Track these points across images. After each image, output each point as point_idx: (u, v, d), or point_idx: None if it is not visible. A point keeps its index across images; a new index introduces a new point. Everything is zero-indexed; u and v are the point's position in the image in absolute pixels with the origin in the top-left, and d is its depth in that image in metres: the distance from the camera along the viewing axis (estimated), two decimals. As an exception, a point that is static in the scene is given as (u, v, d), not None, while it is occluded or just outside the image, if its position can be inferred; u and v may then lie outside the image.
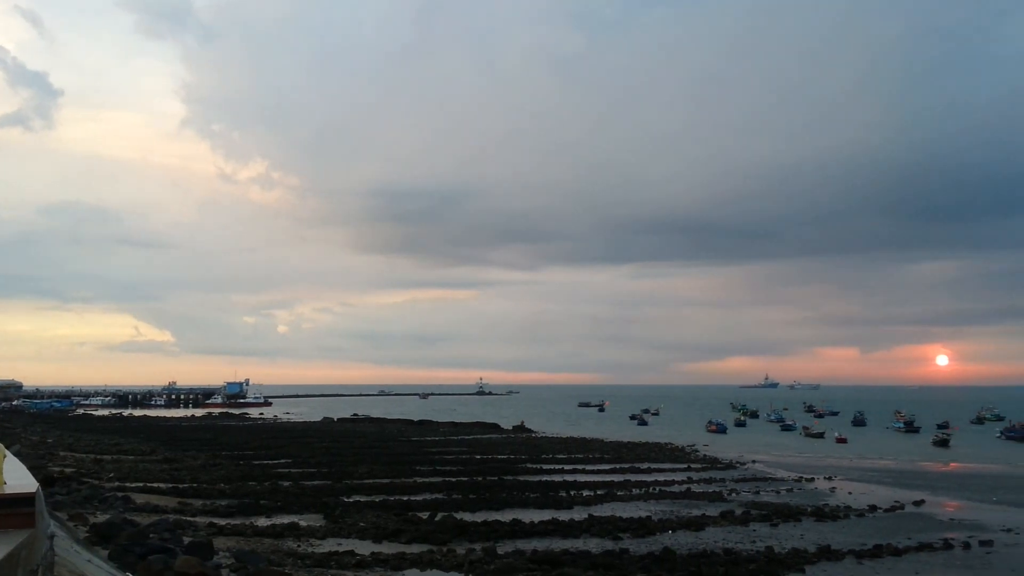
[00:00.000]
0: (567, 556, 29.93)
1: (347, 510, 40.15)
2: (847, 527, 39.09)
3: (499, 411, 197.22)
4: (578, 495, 47.83)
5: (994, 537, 35.98)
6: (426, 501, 44.35)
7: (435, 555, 30.09)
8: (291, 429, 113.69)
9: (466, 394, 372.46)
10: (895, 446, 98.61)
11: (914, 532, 37.29)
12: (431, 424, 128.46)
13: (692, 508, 43.84)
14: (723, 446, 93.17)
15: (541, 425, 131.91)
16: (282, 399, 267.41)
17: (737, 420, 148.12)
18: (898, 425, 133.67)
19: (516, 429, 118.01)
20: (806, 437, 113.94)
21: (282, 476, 54.88)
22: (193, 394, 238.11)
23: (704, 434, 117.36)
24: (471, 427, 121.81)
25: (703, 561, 29.63)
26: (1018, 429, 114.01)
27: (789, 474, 63.26)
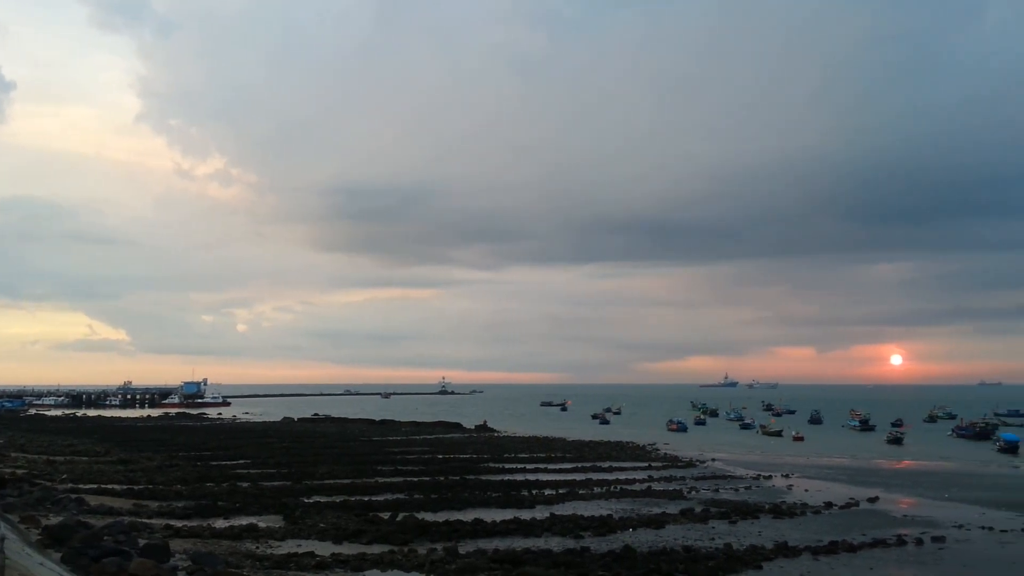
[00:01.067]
0: (529, 555, 30.01)
1: (307, 511, 39.83)
2: (804, 524, 39.66)
3: (462, 410, 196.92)
4: (540, 494, 47.92)
5: (946, 533, 36.74)
6: (387, 501, 44.15)
7: (396, 555, 29.99)
8: (250, 429, 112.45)
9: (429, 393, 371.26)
10: (850, 444, 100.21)
11: (869, 528, 37.94)
12: (393, 424, 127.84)
13: (653, 506, 44.18)
14: (683, 445, 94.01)
15: (503, 424, 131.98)
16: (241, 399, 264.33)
17: (697, 419, 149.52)
18: (853, 423, 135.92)
19: (478, 428, 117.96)
20: (764, 435, 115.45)
21: (240, 477, 54.27)
22: (149, 394, 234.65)
23: (665, 433, 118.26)
24: (433, 426, 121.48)
25: (663, 559, 29.88)
26: (969, 428, 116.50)
27: (747, 472, 64.00)
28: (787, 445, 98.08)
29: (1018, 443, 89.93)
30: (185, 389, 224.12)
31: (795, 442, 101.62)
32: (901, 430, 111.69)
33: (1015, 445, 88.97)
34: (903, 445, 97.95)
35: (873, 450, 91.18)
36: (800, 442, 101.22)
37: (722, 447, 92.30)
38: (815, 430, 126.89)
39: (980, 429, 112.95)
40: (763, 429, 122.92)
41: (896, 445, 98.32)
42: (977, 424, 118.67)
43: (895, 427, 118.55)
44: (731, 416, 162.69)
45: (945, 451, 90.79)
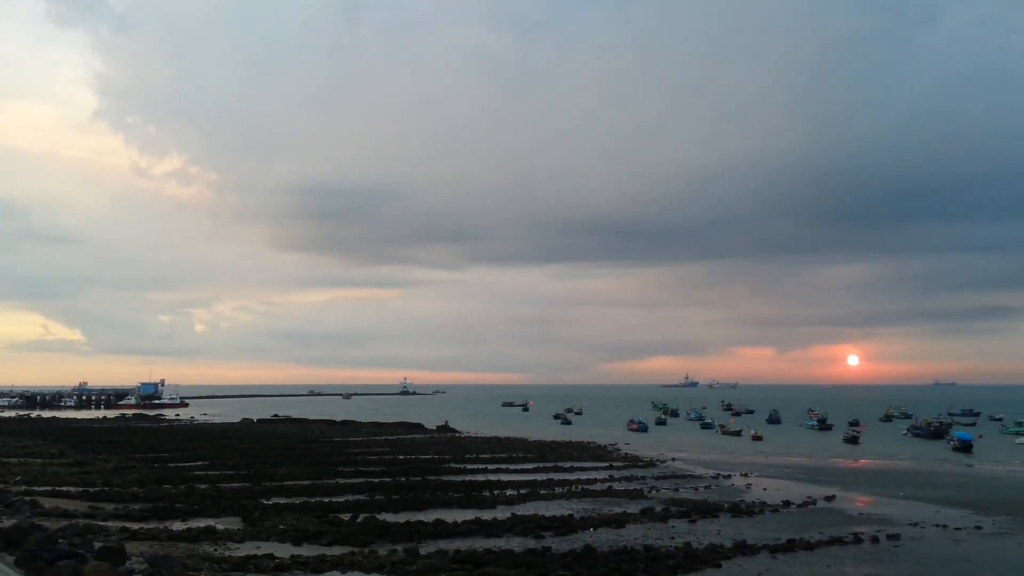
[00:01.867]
0: (490, 555, 29.99)
1: (266, 512, 39.43)
2: (762, 522, 40.12)
3: (423, 411, 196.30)
4: (501, 494, 47.92)
5: (901, 531, 37.38)
6: (348, 502, 43.86)
7: (356, 557, 29.80)
8: (209, 430, 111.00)
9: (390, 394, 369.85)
10: (808, 443, 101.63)
11: (825, 526, 38.48)
12: (354, 424, 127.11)
13: (613, 506, 44.39)
14: (644, 444, 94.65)
15: (465, 425, 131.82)
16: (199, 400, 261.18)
17: (658, 419, 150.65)
18: (811, 423, 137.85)
19: (440, 429, 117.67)
20: (723, 435, 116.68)
21: (198, 479, 53.58)
22: (105, 395, 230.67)
23: (626, 433, 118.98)
24: (395, 427, 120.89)
25: (623, 558, 30.03)
26: (923, 427, 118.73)
27: (707, 471, 64.60)
28: (746, 444, 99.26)
29: (971, 442, 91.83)
30: (142, 390, 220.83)
31: (754, 441, 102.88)
32: (857, 430, 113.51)
33: (968, 444, 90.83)
34: (859, 444, 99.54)
35: (830, 449, 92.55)
36: (759, 441, 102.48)
37: (682, 447, 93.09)
38: (774, 430, 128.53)
39: (934, 428, 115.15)
40: (722, 429, 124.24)
41: (853, 444, 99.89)
42: (931, 423, 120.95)
43: (852, 427, 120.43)
44: (692, 416, 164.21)
45: (900, 450, 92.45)
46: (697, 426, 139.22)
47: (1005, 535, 37.15)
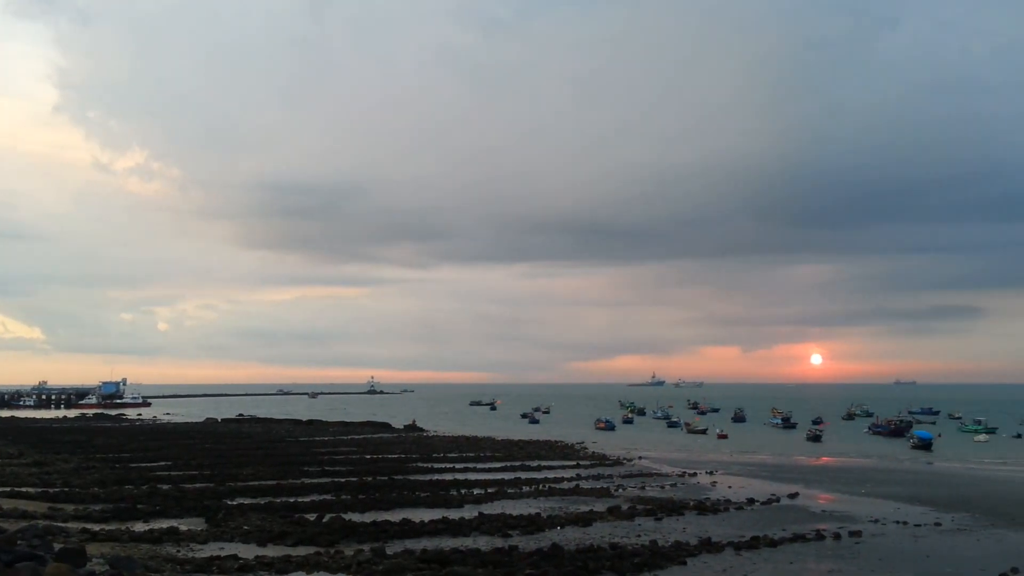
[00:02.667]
0: (457, 555, 29.93)
1: (230, 513, 39.00)
2: (727, 520, 40.45)
3: (391, 410, 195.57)
4: (469, 493, 47.85)
5: (863, 528, 37.86)
6: (314, 502, 43.55)
7: (322, 557, 29.58)
8: (172, 430, 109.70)
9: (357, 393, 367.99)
10: (772, 441, 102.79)
11: (789, 524, 38.88)
12: (320, 424, 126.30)
13: (580, 504, 44.51)
14: (611, 443, 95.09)
15: (433, 424, 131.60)
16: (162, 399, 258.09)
17: (625, 417, 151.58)
18: (775, 421, 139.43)
19: (407, 428, 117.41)
20: (689, 433, 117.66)
21: (161, 479, 52.89)
22: (65, 394, 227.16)
23: (593, 431, 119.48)
24: (361, 426, 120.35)
25: (590, 556, 30.12)
26: (884, 425, 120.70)
27: (673, 469, 65.04)
28: (711, 443, 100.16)
29: (931, 440, 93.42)
30: (103, 389, 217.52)
31: (719, 440, 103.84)
32: (820, 428, 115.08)
33: (928, 442, 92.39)
34: (822, 442, 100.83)
35: (794, 447, 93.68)
36: (724, 440, 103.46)
37: (649, 445, 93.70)
38: (738, 428, 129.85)
39: (895, 427, 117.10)
40: (688, 427, 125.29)
41: (815, 442, 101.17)
42: (892, 422, 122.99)
43: (815, 425, 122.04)
44: (658, 415, 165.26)
45: (862, 448, 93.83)
46: (664, 425, 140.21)
47: (964, 532, 37.80)
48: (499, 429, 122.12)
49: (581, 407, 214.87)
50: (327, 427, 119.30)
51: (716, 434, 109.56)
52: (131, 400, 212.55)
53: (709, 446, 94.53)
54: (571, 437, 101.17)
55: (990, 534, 37.13)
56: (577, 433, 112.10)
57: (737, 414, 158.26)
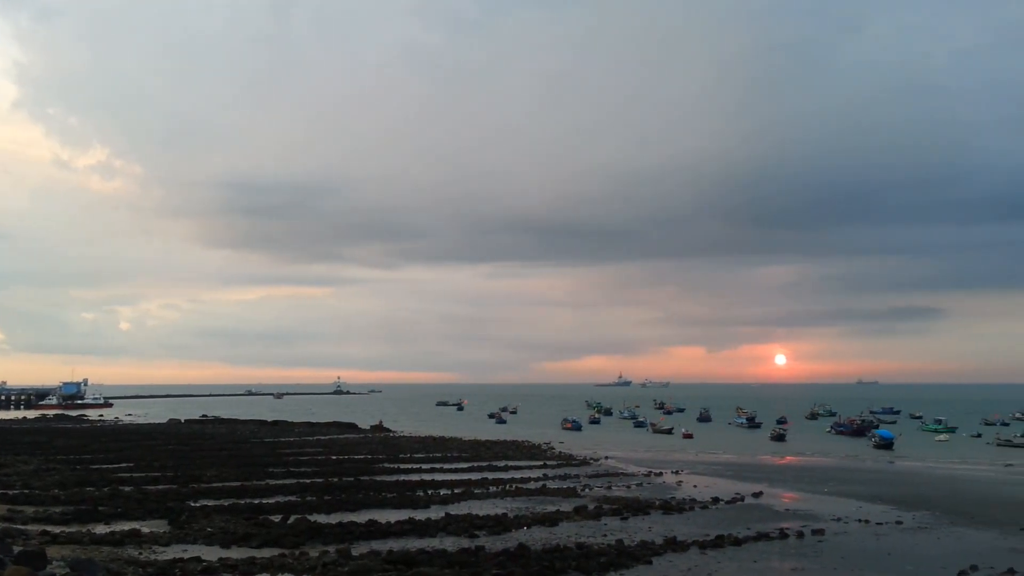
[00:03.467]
0: (423, 555, 29.83)
1: (194, 515, 38.54)
2: (692, 519, 40.74)
3: (357, 411, 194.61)
4: (435, 494, 47.71)
5: (825, 526, 38.34)
6: (279, 504, 43.15)
7: (287, 559, 29.33)
8: (134, 431, 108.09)
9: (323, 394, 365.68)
10: (737, 441, 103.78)
11: (753, 522, 39.26)
12: (286, 424, 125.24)
13: (547, 504, 44.59)
14: (578, 443, 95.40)
15: (399, 424, 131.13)
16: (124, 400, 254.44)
17: (592, 417, 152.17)
18: (740, 421, 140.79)
19: (374, 429, 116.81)
20: (655, 433, 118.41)
21: (123, 481, 52.09)
22: (25, 395, 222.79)
23: (560, 431, 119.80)
24: (327, 427, 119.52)
25: (556, 556, 30.17)
26: (847, 424, 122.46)
27: (639, 469, 65.39)
28: (677, 442, 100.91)
29: (892, 440, 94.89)
30: (64, 390, 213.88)
31: (685, 439, 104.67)
32: (784, 427, 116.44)
33: (890, 442, 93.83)
34: (786, 442, 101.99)
35: (758, 447, 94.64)
36: (689, 439, 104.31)
37: (615, 445, 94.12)
38: (704, 428, 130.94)
39: (857, 426, 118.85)
40: (654, 427, 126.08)
41: (779, 442, 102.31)
42: (855, 421, 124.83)
43: (779, 424, 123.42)
44: (625, 415, 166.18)
45: (825, 447, 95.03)
46: (630, 425, 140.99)
47: (924, 530, 38.42)
48: (466, 429, 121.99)
49: (548, 407, 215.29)
50: (292, 428, 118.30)
51: (682, 434, 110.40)
52: (92, 401, 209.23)
53: (675, 446, 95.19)
54: (538, 437, 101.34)
55: (950, 532, 37.78)
56: (544, 433, 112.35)
57: (703, 414, 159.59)
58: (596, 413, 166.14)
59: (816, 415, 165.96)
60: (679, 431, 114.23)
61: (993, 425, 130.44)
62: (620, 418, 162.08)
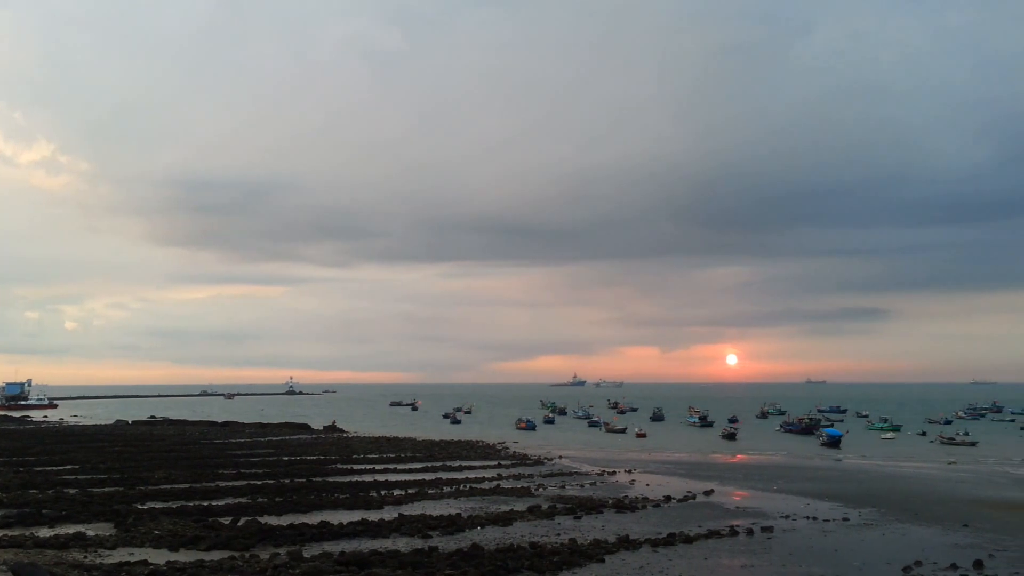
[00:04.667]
0: (376, 556, 29.65)
1: (141, 517, 37.84)
2: (644, 517, 41.09)
3: (310, 411, 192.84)
4: (389, 495, 47.49)
5: (774, 523, 38.95)
6: (229, 506, 42.56)
7: (237, 561, 28.91)
8: (80, 433, 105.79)
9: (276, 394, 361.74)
10: (689, 440, 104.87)
11: (704, 520, 39.74)
12: (236, 425, 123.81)
13: (501, 504, 44.62)
14: (532, 443, 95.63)
15: (354, 425, 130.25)
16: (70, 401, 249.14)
17: (546, 417, 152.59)
18: (692, 420, 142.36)
19: (327, 429, 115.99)
20: (608, 433, 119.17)
21: (68, 483, 50.95)
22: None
23: (515, 431, 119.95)
24: (279, 428, 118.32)
25: (509, 555, 30.21)
26: (795, 423, 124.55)
27: (593, 468, 65.74)
28: (630, 442, 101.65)
29: (839, 438, 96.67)
30: (7, 390, 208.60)
31: (638, 439, 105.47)
32: (735, 426, 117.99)
33: (837, 440, 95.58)
34: (737, 440, 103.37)
35: (710, 445, 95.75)
36: (643, 439, 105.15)
37: (569, 445, 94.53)
38: (657, 427, 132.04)
39: (805, 424, 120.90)
40: (607, 427, 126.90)
41: (730, 440, 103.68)
42: (803, 420, 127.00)
43: (730, 423, 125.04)
44: (579, 414, 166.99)
45: (774, 445, 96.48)
46: (584, 424, 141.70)
47: (870, 526, 39.21)
48: (420, 429, 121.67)
49: (503, 407, 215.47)
50: (243, 429, 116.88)
51: (635, 433, 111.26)
52: (36, 402, 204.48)
53: (628, 445, 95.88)
54: (492, 437, 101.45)
55: (895, 528, 38.60)
56: (498, 433, 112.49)
57: (656, 413, 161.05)
58: (551, 413, 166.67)
59: (766, 414, 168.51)
60: (632, 430, 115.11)
61: (937, 423, 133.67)
62: (574, 418, 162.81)
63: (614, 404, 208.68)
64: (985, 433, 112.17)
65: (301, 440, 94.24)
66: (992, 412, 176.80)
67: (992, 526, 38.92)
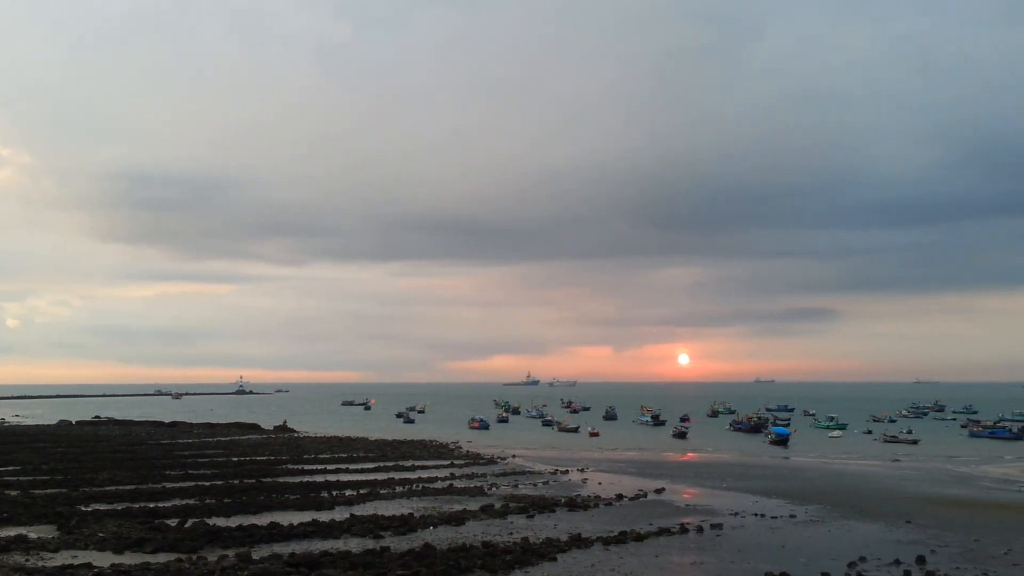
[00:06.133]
0: (327, 557, 29.40)
1: (85, 520, 37.03)
2: (596, 516, 41.35)
3: (261, 411, 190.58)
4: (340, 495, 47.15)
5: (724, 520, 39.50)
6: (176, 507, 41.86)
7: (183, 564, 28.43)
8: (21, 433, 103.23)
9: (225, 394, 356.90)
10: (641, 439, 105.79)
11: (655, 518, 40.12)
12: (184, 425, 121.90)
13: (454, 503, 44.56)
14: (485, 442, 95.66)
15: (306, 425, 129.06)
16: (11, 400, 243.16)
17: (500, 416, 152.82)
18: (645, 419, 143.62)
19: (278, 429, 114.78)
20: (561, 432, 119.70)
21: (8, 484, 49.68)
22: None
23: (468, 431, 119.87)
24: (229, 428, 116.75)
25: (462, 555, 30.17)
26: (744, 422, 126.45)
27: (546, 467, 65.98)
28: (583, 440, 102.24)
29: (787, 436, 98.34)
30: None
31: (591, 437, 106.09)
32: (686, 425, 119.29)
33: (785, 438, 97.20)
34: (687, 439, 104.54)
35: (662, 444, 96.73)
36: (596, 437, 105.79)
37: (522, 444, 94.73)
38: (609, 426, 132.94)
39: (754, 423, 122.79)
40: (560, 426, 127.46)
41: (681, 439, 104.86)
42: (752, 418, 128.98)
43: (682, 422, 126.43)
44: (532, 413, 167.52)
45: (724, 444, 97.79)
46: (538, 423, 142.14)
47: (816, 523, 39.94)
48: (373, 429, 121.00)
49: (456, 406, 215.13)
50: (191, 429, 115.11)
51: (588, 432, 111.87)
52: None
53: (581, 444, 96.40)
54: (446, 436, 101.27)
55: (840, 525, 39.37)
56: (452, 432, 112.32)
57: (609, 412, 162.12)
58: (504, 412, 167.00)
59: (717, 413, 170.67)
60: (585, 429, 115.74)
61: (881, 422, 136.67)
62: (528, 417, 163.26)
63: (567, 403, 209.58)
64: (927, 432, 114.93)
65: (251, 440, 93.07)
66: (934, 411, 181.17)
67: (934, 522, 39.88)
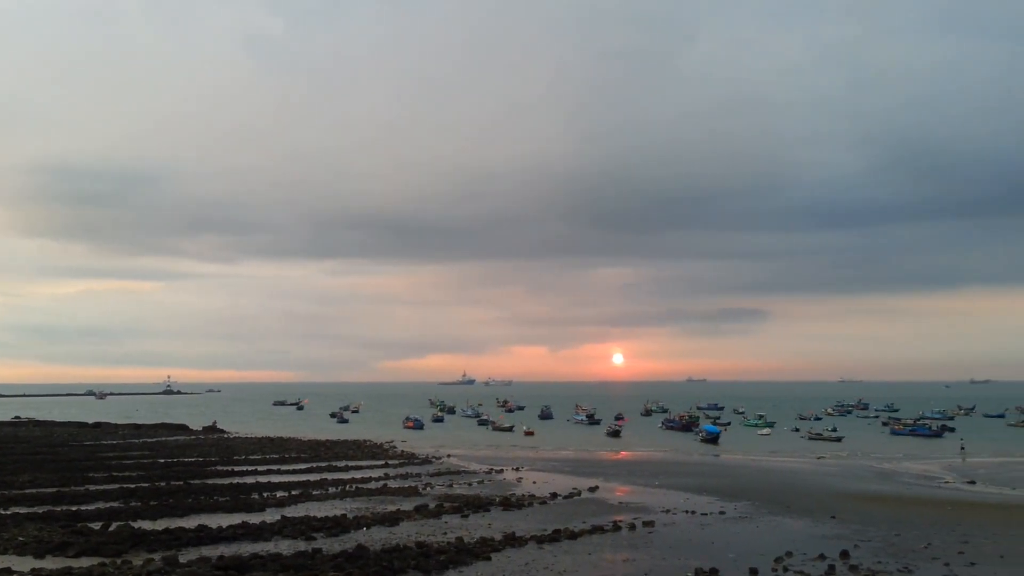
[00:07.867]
0: (257, 560, 28.90)
1: (4, 523, 35.75)
2: (530, 514, 41.50)
3: (190, 411, 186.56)
4: (271, 496, 46.43)
5: (655, 518, 40.03)
6: (99, 510, 40.70)
7: (107, 568, 27.66)
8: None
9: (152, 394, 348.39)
10: (576, 437, 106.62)
11: (588, 516, 40.45)
12: (108, 426, 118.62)
13: (388, 504, 44.24)
14: (421, 442, 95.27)
15: (236, 425, 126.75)
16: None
17: (435, 416, 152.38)
18: (580, 418, 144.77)
19: (207, 430, 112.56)
20: (496, 431, 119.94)
21: (-80, 489, 47.64)
22: None
23: (403, 430, 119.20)
24: (155, 429, 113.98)
25: (395, 556, 29.97)
26: (676, 420, 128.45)
27: (481, 467, 65.99)
28: (518, 439, 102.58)
29: (718, 434, 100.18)
30: None
31: (526, 436, 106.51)
32: (619, 424, 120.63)
33: (715, 436, 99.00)
34: (621, 437, 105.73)
35: (596, 443, 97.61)
36: (531, 436, 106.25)
37: (458, 443, 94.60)
38: (545, 425, 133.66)
39: (686, 422, 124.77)
40: (494, 425, 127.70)
41: (615, 437, 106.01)
42: (684, 417, 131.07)
43: (616, 421, 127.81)
44: (468, 413, 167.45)
45: (657, 442, 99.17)
46: (473, 423, 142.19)
47: (745, 519, 40.76)
48: (306, 429, 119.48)
49: (391, 406, 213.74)
50: (116, 430, 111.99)
51: (523, 431, 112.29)
52: None
53: (516, 443, 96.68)
54: (380, 436, 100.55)
55: (768, 521, 40.25)
56: (386, 432, 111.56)
57: (544, 411, 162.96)
58: (439, 412, 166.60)
59: (650, 411, 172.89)
60: (520, 429, 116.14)
61: (807, 420, 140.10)
62: (463, 416, 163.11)
63: (503, 402, 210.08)
64: (851, 429, 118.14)
65: (179, 441, 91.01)
66: (858, 409, 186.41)
67: (857, 517, 41.04)
